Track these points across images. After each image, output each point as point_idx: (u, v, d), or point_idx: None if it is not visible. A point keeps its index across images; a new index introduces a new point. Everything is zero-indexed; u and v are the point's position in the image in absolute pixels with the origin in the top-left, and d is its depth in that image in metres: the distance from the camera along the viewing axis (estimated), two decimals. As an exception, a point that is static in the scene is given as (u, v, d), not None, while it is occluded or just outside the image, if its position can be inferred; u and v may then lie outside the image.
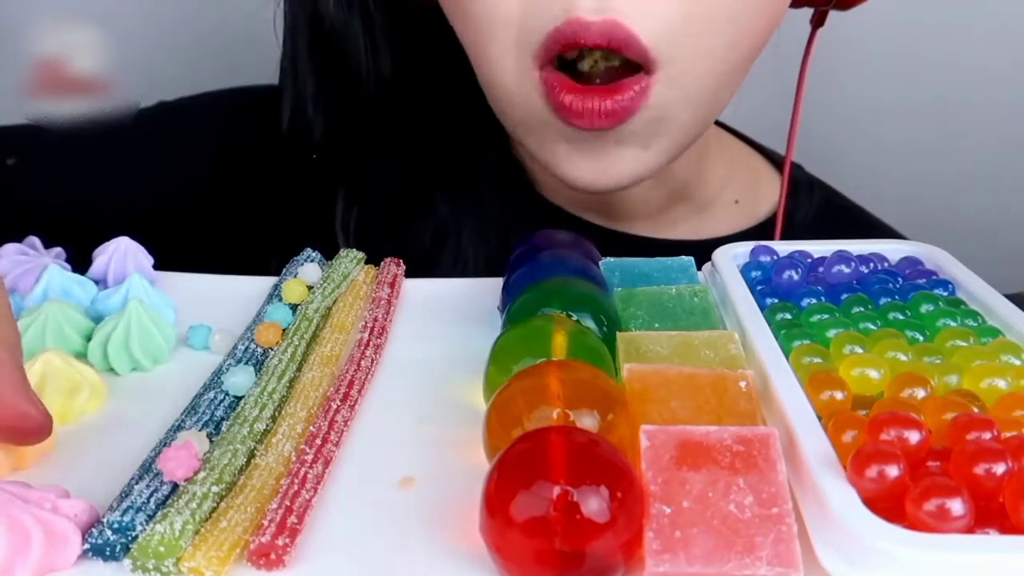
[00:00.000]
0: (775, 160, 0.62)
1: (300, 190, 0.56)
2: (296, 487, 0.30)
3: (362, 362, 0.38)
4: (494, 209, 0.55)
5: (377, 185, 0.55)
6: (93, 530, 0.28)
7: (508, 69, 0.43)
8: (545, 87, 0.42)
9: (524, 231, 0.52)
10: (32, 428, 0.29)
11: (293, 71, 0.54)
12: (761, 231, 0.58)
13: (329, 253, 0.46)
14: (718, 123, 0.62)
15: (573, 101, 0.41)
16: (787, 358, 0.33)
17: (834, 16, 0.54)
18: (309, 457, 0.31)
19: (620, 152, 0.44)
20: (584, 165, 0.44)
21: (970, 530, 0.25)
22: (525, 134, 0.46)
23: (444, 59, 0.50)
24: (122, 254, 0.43)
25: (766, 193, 0.60)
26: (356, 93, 0.53)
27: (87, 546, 0.27)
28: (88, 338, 0.39)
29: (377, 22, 0.52)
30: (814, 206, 0.61)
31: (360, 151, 0.55)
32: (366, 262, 0.46)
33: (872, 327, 0.35)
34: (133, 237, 0.44)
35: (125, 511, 0.28)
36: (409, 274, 0.46)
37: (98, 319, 0.40)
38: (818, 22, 0.53)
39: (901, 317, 0.36)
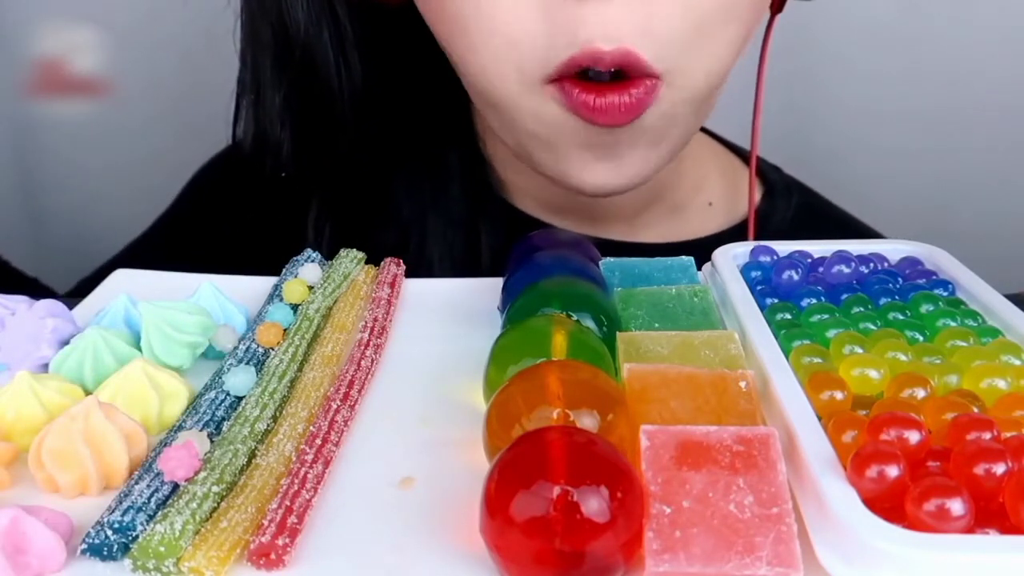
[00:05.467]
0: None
1: (270, 204, 0.57)
2: (296, 487, 0.30)
3: (362, 362, 0.38)
4: (459, 209, 0.56)
5: (343, 186, 0.55)
6: (92, 530, 0.28)
7: (511, 82, 0.45)
8: (562, 94, 0.44)
9: (492, 237, 0.54)
10: None
11: (256, 87, 0.53)
12: (736, 233, 0.58)
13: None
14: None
15: (595, 99, 0.43)
16: (787, 358, 0.33)
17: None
18: (309, 457, 0.31)
19: (632, 153, 0.46)
20: (599, 167, 0.46)
21: (970, 530, 0.25)
22: (535, 147, 0.48)
23: (413, 61, 0.51)
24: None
25: (743, 195, 0.60)
26: (325, 107, 0.53)
27: (85, 546, 0.28)
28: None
29: (347, 32, 0.51)
30: (792, 208, 0.61)
31: (329, 162, 0.55)
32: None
33: (872, 327, 0.35)
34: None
35: (125, 511, 0.28)
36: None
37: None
38: (777, 7, 0.54)
39: (901, 317, 0.36)
